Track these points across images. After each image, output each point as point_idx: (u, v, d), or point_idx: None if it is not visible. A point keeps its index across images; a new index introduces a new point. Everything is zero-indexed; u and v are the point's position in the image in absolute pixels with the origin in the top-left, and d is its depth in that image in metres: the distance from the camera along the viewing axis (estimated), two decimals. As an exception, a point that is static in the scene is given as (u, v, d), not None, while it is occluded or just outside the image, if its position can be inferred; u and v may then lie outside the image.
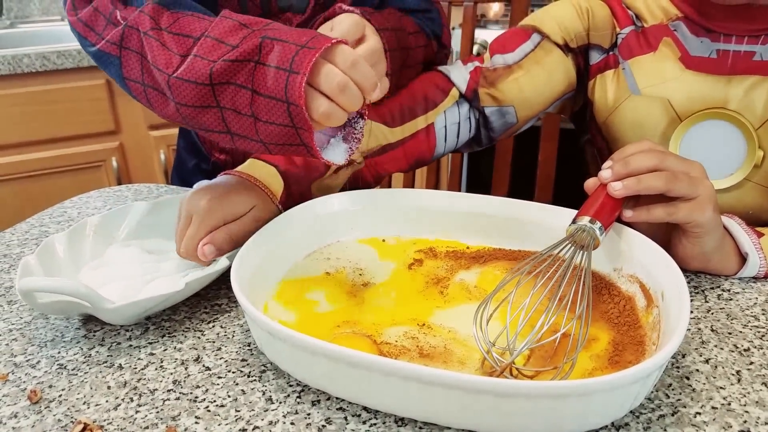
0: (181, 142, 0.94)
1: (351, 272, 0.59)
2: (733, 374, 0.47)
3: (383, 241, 0.63)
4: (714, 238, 0.55)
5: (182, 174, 0.94)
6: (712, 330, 0.52)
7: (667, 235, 0.57)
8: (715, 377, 0.46)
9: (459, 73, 0.73)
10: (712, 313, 0.54)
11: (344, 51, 0.48)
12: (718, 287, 0.58)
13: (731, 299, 0.56)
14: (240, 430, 0.43)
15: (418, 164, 0.73)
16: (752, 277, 0.59)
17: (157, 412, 0.45)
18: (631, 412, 0.43)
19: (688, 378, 0.47)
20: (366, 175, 0.70)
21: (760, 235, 0.57)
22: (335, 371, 0.42)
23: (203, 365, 0.50)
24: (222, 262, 0.56)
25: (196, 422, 0.44)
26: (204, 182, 0.86)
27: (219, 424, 0.44)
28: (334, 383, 0.43)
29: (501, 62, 0.73)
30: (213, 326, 0.55)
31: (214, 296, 0.60)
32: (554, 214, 0.59)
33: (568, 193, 0.90)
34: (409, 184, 1.26)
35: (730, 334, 0.51)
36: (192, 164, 0.92)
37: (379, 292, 0.55)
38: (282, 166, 0.63)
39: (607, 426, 0.42)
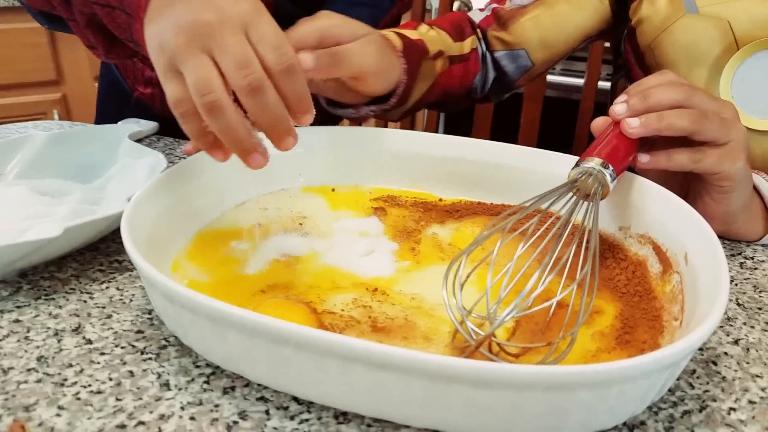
0: (102, 87, 0.80)
1: (289, 223, 0.46)
2: (771, 359, 0.37)
3: (333, 190, 0.51)
4: (742, 195, 0.45)
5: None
6: (738, 304, 0.42)
7: (683, 190, 0.46)
8: (748, 362, 0.36)
9: (477, 17, 0.68)
10: (737, 285, 0.44)
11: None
12: (740, 254, 0.48)
13: (756, 268, 0.46)
14: (117, 426, 0.31)
15: (462, 94, 0.65)
16: (778, 244, 0.49)
17: (5, 399, 0.32)
18: (648, 407, 0.33)
19: (715, 363, 0.36)
20: (455, 83, 0.62)
21: (790, 193, 0.48)
22: (254, 349, 0.30)
23: (83, 337, 0.37)
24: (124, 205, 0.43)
25: (58, 414, 0.32)
26: (131, 120, 0.72)
27: (89, 418, 0.31)
28: (253, 365, 0.31)
29: (519, 1, 0.65)
30: (107, 288, 0.42)
31: (116, 250, 0.47)
32: (551, 161, 0.47)
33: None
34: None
35: (759, 309, 0.41)
36: (113, 111, 0.78)
37: (322, 249, 0.43)
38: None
39: (617, 426, 0.31)
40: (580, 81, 1.40)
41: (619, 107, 0.42)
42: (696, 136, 0.41)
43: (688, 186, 0.46)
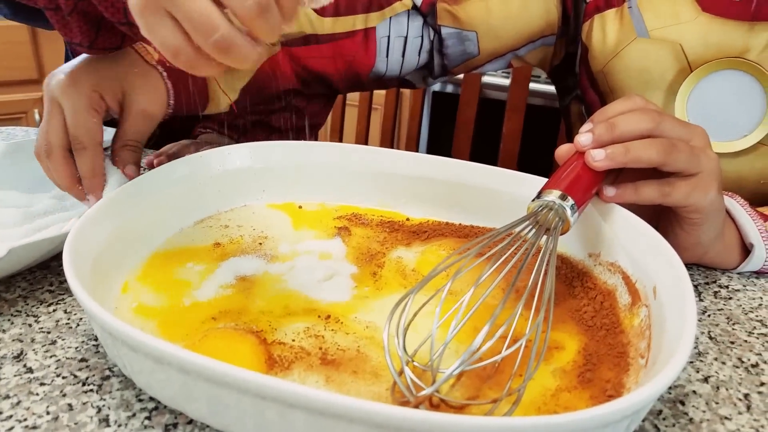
0: None
1: (249, 242, 0.45)
2: (740, 399, 0.35)
3: (300, 207, 0.50)
4: (714, 226, 0.43)
5: None
6: (710, 338, 0.41)
7: (654, 220, 0.45)
8: (717, 402, 0.35)
9: None
10: (709, 316, 0.43)
11: None
12: (714, 282, 0.47)
13: (731, 298, 0.45)
14: (48, 467, 0.29)
15: (353, 77, 0.61)
16: (754, 272, 0.48)
17: (-68, 435, 0.31)
18: (609, 452, 0.31)
19: (683, 403, 0.35)
20: (285, 68, 0.57)
21: (765, 218, 0.46)
22: (194, 389, 0.29)
23: (24, 365, 0.36)
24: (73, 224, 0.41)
25: (-12, 453, 0.30)
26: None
27: (20, 457, 0.30)
28: (194, 404, 0.30)
29: None
30: (54, 311, 0.40)
31: (68, 269, 0.45)
32: (521, 182, 0.46)
33: (532, 173, 0.79)
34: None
35: (732, 343, 0.40)
36: None
37: (279, 272, 0.42)
38: None
39: (576, 473, 0.30)
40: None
41: (584, 138, 0.40)
42: (665, 167, 0.40)
43: (660, 214, 0.45)
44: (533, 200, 0.40)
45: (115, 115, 0.48)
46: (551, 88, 1.47)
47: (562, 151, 0.43)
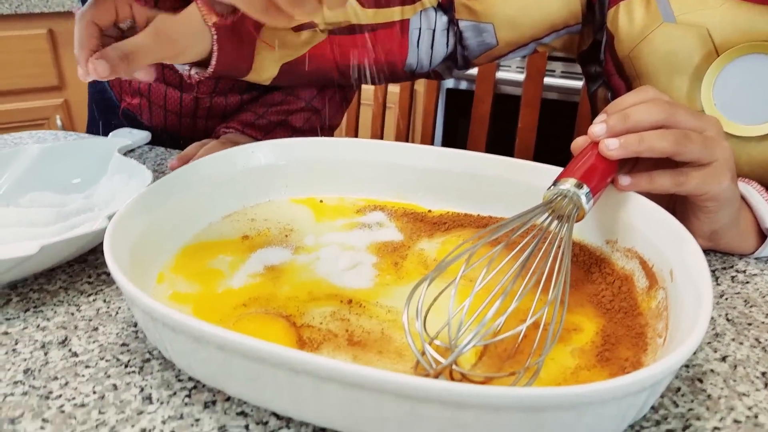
0: (90, 95, 0.81)
1: (275, 234, 0.46)
2: (757, 377, 0.36)
3: (321, 201, 0.51)
4: (728, 213, 0.44)
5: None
6: (728, 320, 0.41)
7: (669, 209, 0.45)
8: (735, 380, 0.36)
9: None
10: (727, 299, 0.44)
11: None
12: (731, 267, 0.48)
13: (748, 282, 0.46)
14: (97, 441, 0.31)
15: (388, 68, 0.63)
16: (771, 257, 0.49)
17: (-11, 413, 0.33)
18: (630, 426, 0.32)
19: (701, 380, 0.36)
20: (328, 57, 0.59)
21: (782, 204, 0.47)
22: (231, 366, 0.30)
23: (70, 350, 0.38)
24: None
25: (42, 427, 0.32)
26: (124, 130, 0.73)
27: (72, 431, 0.32)
28: (231, 381, 0.32)
29: None
30: (94, 300, 0.43)
31: (104, 263, 0.47)
32: (537, 172, 0.47)
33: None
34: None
35: (749, 325, 0.41)
36: (101, 120, 0.78)
37: (306, 262, 0.43)
38: None
39: (597, 446, 0.31)
40: (580, 83, 1.40)
41: (597, 128, 0.41)
42: (678, 156, 0.40)
43: (675, 202, 0.46)
44: (548, 189, 0.41)
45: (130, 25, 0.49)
46: (566, 83, 1.48)
47: (578, 143, 0.44)
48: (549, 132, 1.06)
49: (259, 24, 0.54)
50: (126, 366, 0.36)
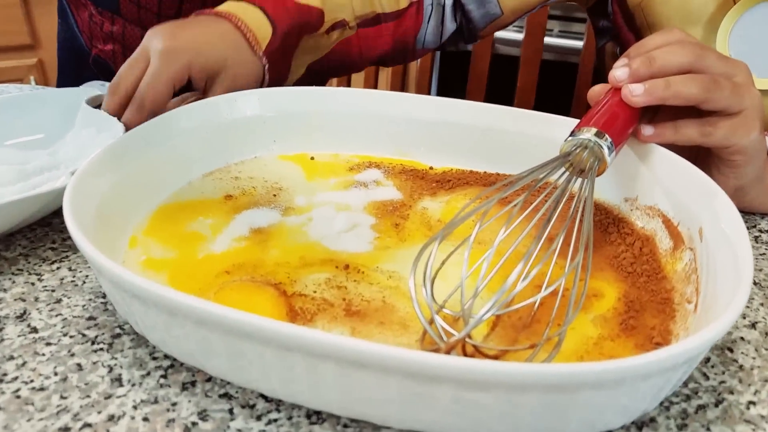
0: (59, 44, 0.74)
1: (262, 194, 0.42)
2: (792, 345, 0.33)
3: (312, 158, 0.47)
4: (756, 167, 0.40)
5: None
6: (755, 283, 0.38)
7: (691, 159, 0.42)
8: (767, 349, 0.33)
9: None
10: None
11: None
12: (754, 227, 0.44)
13: (773, 243, 0.42)
14: (59, 429, 0.27)
15: (398, 50, 0.62)
16: (795, 216, 0.45)
17: (-66, 399, 0.29)
18: (659, 403, 0.29)
19: (731, 350, 0.33)
20: (353, 50, 0.58)
21: (808, 159, 0.43)
22: (212, 343, 0.26)
23: (28, 325, 0.33)
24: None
25: (-6, 416, 0.28)
26: (96, 82, 0.67)
27: (28, 420, 0.28)
28: (213, 359, 0.28)
29: None
30: (58, 268, 0.38)
31: (71, 227, 0.42)
32: (549, 124, 0.43)
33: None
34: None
35: (778, 288, 0.38)
36: (71, 71, 0.72)
37: (297, 224, 0.39)
38: (270, 9, 0.50)
39: (625, 425, 0.28)
40: (579, 43, 1.34)
41: (619, 72, 0.37)
42: (706, 104, 0.37)
43: (697, 154, 0.42)
44: (566, 140, 0.37)
45: (197, 89, 0.48)
46: (565, 42, 1.42)
47: (595, 90, 0.40)
48: (547, 94, 1.02)
49: (300, 32, 0.53)
50: (93, 343, 0.32)
